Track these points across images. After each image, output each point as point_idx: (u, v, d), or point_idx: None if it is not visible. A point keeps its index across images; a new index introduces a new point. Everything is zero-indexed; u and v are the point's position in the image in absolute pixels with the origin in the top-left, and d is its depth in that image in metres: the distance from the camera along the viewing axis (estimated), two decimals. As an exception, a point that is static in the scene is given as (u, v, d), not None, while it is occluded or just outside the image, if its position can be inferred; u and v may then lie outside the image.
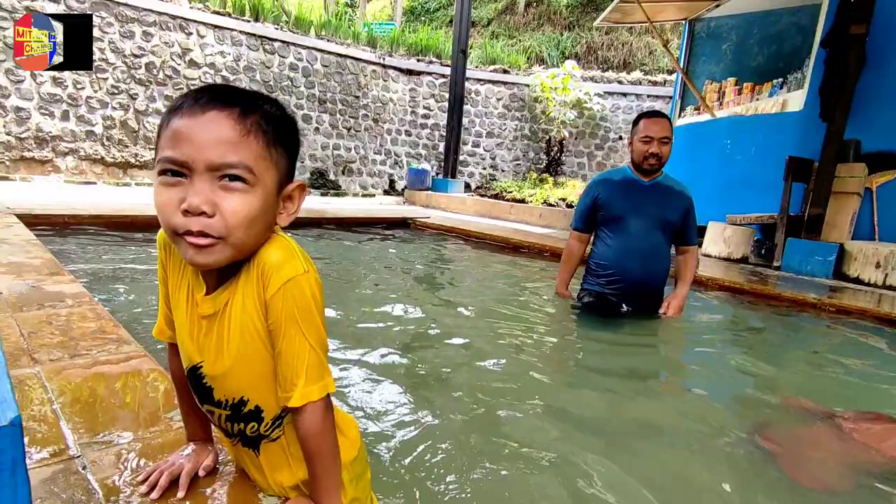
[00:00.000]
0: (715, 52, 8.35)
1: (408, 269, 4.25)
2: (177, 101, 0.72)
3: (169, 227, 0.72)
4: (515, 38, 15.26)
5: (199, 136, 0.69)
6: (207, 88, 0.73)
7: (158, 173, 0.71)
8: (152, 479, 0.92)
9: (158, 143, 0.72)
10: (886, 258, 4.60)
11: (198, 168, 0.69)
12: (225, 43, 9.28)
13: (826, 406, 1.93)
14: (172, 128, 0.70)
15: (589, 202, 2.92)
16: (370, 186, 11.74)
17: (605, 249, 2.87)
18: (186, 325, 0.83)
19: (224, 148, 0.69)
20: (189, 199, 0.68)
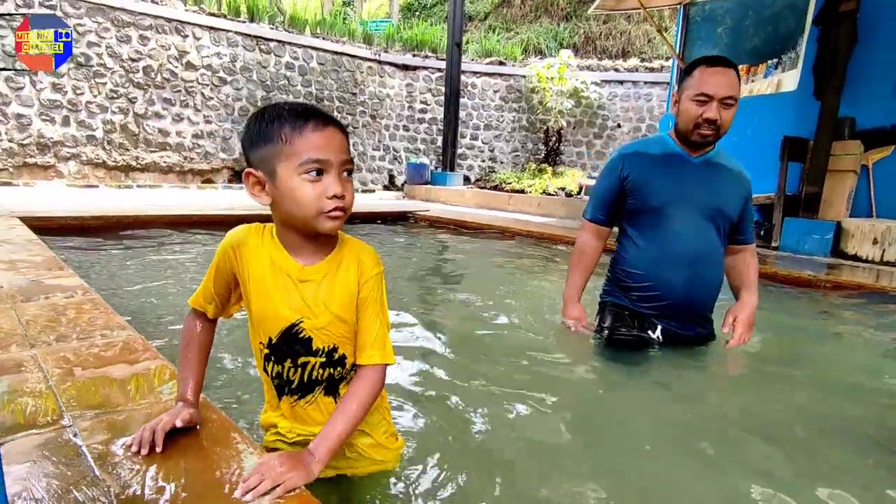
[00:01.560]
0: (710, 35, 8.31)
1: (407, 262, 4.29)
2: (289, 118, 0.97)
3: (317, 209, 0.97)
4: (513, 31, 15.22)
5: (332, 144, 0.97)
6: (313, 109, 0.99)
7: (302, 172, 0.95)
8: (137, 437, 0.99)
9: (276, 145, 0.96)
10: (883, 234, 4.60)
11: (334, 166, 0.97)
12: (221, 44, 9.33)
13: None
14: (311, 140, 0.96)
15: (614, 184, 2.08)
16: (370, 182, 11.78)
17: (637, 254, 2.05)
18: (278, 296, 1.05)
19: (344, 152, 0.99)
20: (335, 188, 0.96)
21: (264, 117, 0.99)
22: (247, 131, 1.02)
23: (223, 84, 9.43)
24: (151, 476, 0.91)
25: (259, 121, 0.99)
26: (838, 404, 1.81)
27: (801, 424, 1.65)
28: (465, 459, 1.34)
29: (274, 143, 0.96)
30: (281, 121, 0.97)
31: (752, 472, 1.33)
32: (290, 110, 0.98)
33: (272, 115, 0.98)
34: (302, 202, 0.97)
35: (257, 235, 1.07)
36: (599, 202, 2.17)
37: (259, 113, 1.01)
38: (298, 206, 0.97)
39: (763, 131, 6.05)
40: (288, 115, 0.97)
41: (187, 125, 9.13)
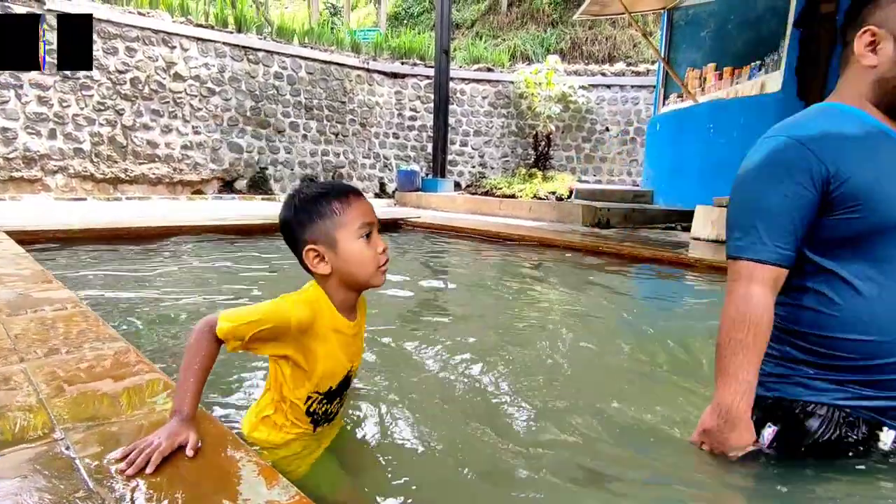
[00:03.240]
0: (694, 39, 8.45)
1: (399, 269, 4.29)
2: (332, 193, 1.15)
3: (375, 264, 1.16)
4: (500, 38, 15.33)
5: (370, 209, 1.18)
6: (343, 184, 1.20)
7: (359, 236, 1.14)
8: (131, 457, 0.96)
9: (331, 217, 1.14)
10: (869, 231, 4.66)
11: (375, 226, 1.18)
12: (209, 55, 9.32)
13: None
14: (358, 207, 1.15)
15: (806, 191, 1.18)
16: (361, 190, 11.77)
17: (863, 308, 1.18)
18: (342, 355, 1.22)
19: (375, 214, 1.19)
20: (382, 244, 1.17)
21: (309, 198, 1.15)
22: (296, 216, 1.15)
23: (212, 95, 9.41)
24: (147, 488, 0.90)
25: (305, 202, 1.15)
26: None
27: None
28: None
29: (329, 216, 1.13)
30: (328, 197, 1.14)
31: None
32: (325, 187, 1.17)
33: (317, 194, 1.15)
34: (363, 261, 1.15)
35: (318, 310, 1.17)
36: (775, 227, 1.19)
37: (300, 196, 1.16)
38: (361, 265, 1.15)
39: (748, 132, 6.14)
40: (330, 192, 1.15)
41: (176, 136, 9.09)
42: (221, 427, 1.14)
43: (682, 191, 7.43)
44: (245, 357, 1.86)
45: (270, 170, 10.37)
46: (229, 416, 1.51)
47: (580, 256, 4.69)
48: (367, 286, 1.19)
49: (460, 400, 1.70)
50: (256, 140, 10.12)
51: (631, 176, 12.16)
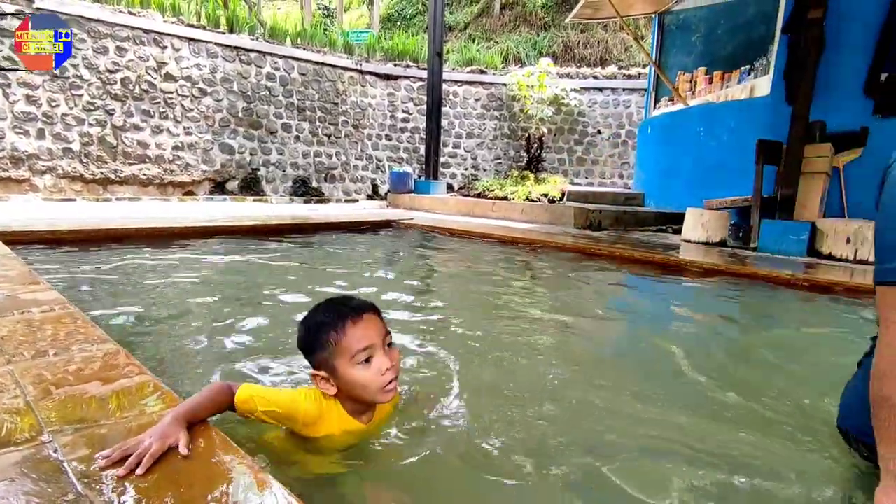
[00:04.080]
0: (685, 43, 8.52)
1: (391, 270, 4.28)
2: (331, 321, 1.22)
3: (376, 386, 1.21)
4: (492, 41, 15.38)
5: (370, 329, 1.22)
6: (346, 305, 1.25)
7: (356, 364, 1.20)
8: (115, 455, 0.96)
9: (329, 348, 1.21)
10: (855, 233, 4.73)
11: (378, 346, 1.22)
12: (200, 55, 9.27)
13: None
14: (354, 334, 1.20)
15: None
16: (353, 192, 11.75)
17: None
18: (349, 439, 1.29)
19: (381, 329, 1.24)
20: (384, 364, 1.21)
21: (312, 326, 1.24)
22: (304, 342, 1.26)
23: (203, 95, 9.36)
24: (136, 492, 0.90)
25: (308, 332, 1.25)
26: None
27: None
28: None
29: (326, 348, 1.21)
30: (326, 327, 1.21)
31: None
32: (328, 313, 1.23)
33: (317, 324, 1.23)
34: (364, 385, 1.21)
35: (326, 412, 1.26)
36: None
37: (306, 325, 1.26)
38: (362, 389, 1.21)
39: (738, 135, 6.20)
40: (329, 320, 1.21)
41: (167, 137, 9.02)
42: (213, 429, 1.13)
43: (673, 193, 7.49)
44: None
45: (262, 171, 10.32)
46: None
47: (572, 258, 4.71)
48: (372, 402, 1.27)
49: (447, 402, 1.70)
50: (248, 141, 10.07)
51: (622, 179, 12.24)
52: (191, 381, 1.73)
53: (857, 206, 5.28)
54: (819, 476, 1.33)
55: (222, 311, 2.61)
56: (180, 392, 1.31)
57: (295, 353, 2.02)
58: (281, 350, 2.05)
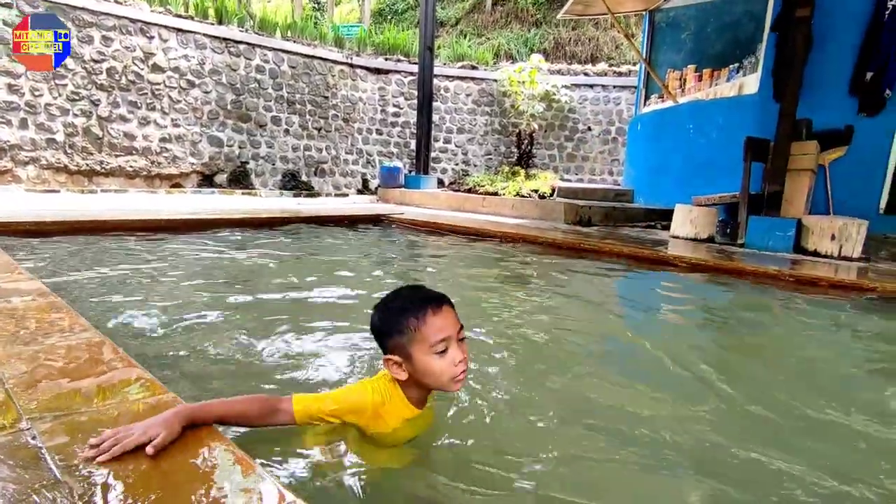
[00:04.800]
0: (675, 41, 8.56)
1: (381, 264, 4.27)
2: (412, 308, 1.24)
3: (449, 376, 1.24)
4: (484, 36, 15.34)
5: (448, 321, 1.24)
6: (426, 295, 1.27)
7: (433, 353, 1.22)
8: (104, 446, 0.94)
9: (407, 334, 1.23)
10: (840, 230, 4.79)
11: (454, 338, 1.24)
12: (189, 46, 9.14)
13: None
14: (434, 324, 1.22)
15: None
16: (343, 186, 11.69)
17: None
18: (408, 431, 1.31)
19: (457, 323, 1.27)
20: (458, 356, 1.24)
21: (391, 310, 1.26)
22: (381, 326, 1.28)
23: (191, 87, 9.23)
24: (117, 478, 0.88)
25: (387, 316, 1.27)
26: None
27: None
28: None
29: (404, 333, 1.23)
30: (406, 313, 1.23)
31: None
32: (409, 299, 1.26)
33: (397, 309, 1.25)
34: (438, 374, 1.23)
35: (389, 400, 1.29)
36: None
37: (384, 307, 1.28)
38: (435, 377, 1.24)
39: (727, 132, 6.26)
40: (410, 306, 1.24)
41: (154, 129, 8.90)
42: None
43: (662, 190, 7.54)
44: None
45: (251, 164, 10.23)
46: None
47: (562, 253, 4.72)
48: (438, 390, 1.30)
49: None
50: (237, 134, 9.96)
51: (612, 175, 12.29)
52: (174, 371, 1.71)
53: (841, 204, 5.35)
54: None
55: (209, 303, 2.58)
56: (166, 381, 1.29)
57: (283, 344, 2.01)
58: (268, 344, 2.03)
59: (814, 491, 1.24)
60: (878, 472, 1.35)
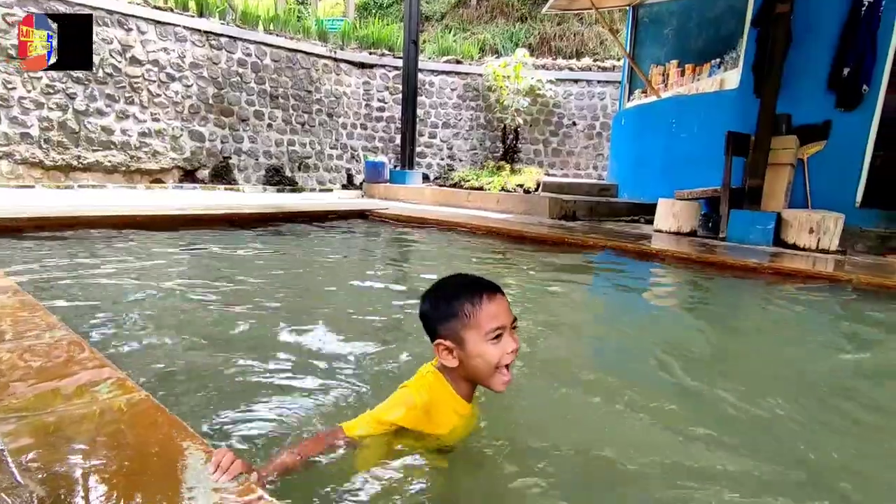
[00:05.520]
0: (658, 36, 8.61)
1: (365, 260, 4.24)
2: (466, 294, 1.21)
3: (499, 363, 1.21)
4: (469, 31, 15.29)
5: (503, 309, 1.22)
6: (480, 281, 1.25)
7: (488, 339, 1.19)
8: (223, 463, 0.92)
9: (462, 319, 1.20)
10: (818, 224, 4.88)
11: (507, 327, 1.22)
12: (168, 39, 8.96)
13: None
14: (489, 310, 1.20)
15: None
16: (328, 182, 11.59)
17: None
18: (461, 430, 1.28)
19: (510, 312, 1.24)
20: (512, 345, 1.22)
21: (444, 295, 1.24)
22: (433, 310, 1.25)
23: (171, 80, 9.06)
24: (84, 480, 0.86)
25: (440, 300, 1.24)
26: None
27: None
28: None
29: (459, 318, 1.20)
30: (462, 297, 1.21)
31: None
32: (464, 285, 1.24)
33: (452, 293, 1.23)
34: (490, 361, 1.21)
35: (438, 393, 1.25)
36: None
37: (437, 292, 1.27)
38: (486, 364, 1.21)
39: (708, 127, 6.31)
40: (466, 291, 1.22)
41: (133, 123, 8.72)
42: (168, 414, 1.09)
43: (646, 184, 7.60)
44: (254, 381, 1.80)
45: (234, 159, 10.08)
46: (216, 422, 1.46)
47: (547, 248, 4.74)
48: (486, 385, 1.26)
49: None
50: (219, 128, 9.81)
51: (597, 170, 12.36)
52: (146, 370, 1.67)
53: (820, 197, 5.44)
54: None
55: (187, 302, 2.54)
56: (143, 382, 1.26)
57: (268, 345, 1.98)
58: (255, 344, 2.00)
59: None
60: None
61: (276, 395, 1.54)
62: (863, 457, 1.41)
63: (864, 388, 1.94)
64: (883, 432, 1.60)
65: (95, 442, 0.97)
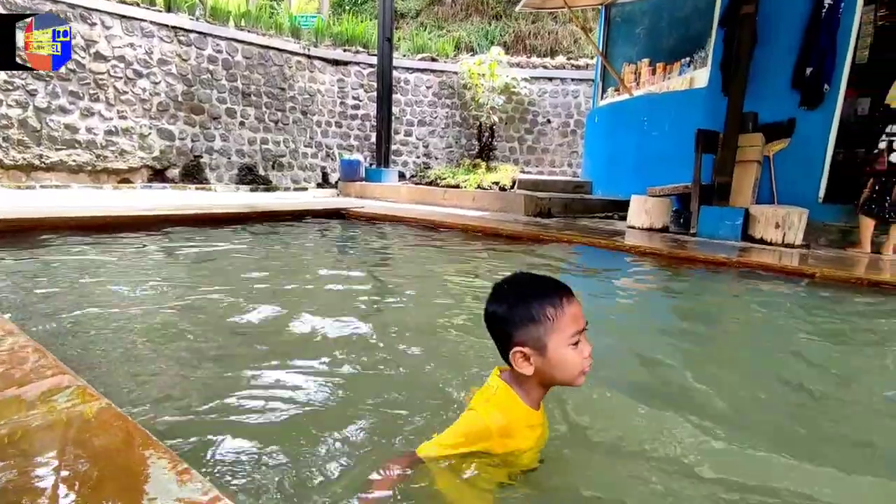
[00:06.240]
0: (630, 35, 8.75)
1: (342, 260, 4.20)
2: (548, 296, 1.12)
3: (580, 369, 1.13)
4: (444, 29, 15.27)
5: (580, 313, 1.14)
6: (556, 283, 1.16)
7: (569, 343, 1.12)
8: None
9: (545, 323, 1.11)
10: (784, 219, 5.02)
11: (583, 330, 1.14)
12: (134, 34, 8.71)
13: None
14: (570, 313, 1.12)
15: None
16: (303, 180, 11.45)
17: None
18: (534, 444, 1.20)
19: (584, 315, 1.15)
20: (588, 349, 1.14)
21: (521, 298, 1.13)
22: (510, 314, 1.13)
23: (139, 77, 8.82)
24: (39, 492, 0.82)
25: (516, 302, 1.13)
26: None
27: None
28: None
29: (541, 322, 1.11)
30: (543, 300, 1.12)
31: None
32: (542, 286, 1.15)
33: (531, 296, 1.13)
34: (571, 366, 1.13)
35: (511, 411, 1.15)
36: None
37: (509, 295, 1.15)
38: (566, 370, 1.13)
39: (679, 125, 6.44)
40: (547, 294, 1.13)
41: (99, 121, 8.46)
42: (131, 423, 1.06)
43: (619, 181, 7.71)
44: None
45: (206, 158, 9.88)
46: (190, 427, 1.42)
47: (522, 245, 4.77)
48: (560, 385, 1.18)
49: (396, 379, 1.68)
50: (190, 127, 9.59)
51: (571, 167, 12.50)
52: (107, 379, 1.62)
53: (785, 194, 5.60)
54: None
55: (157, 306, 2.48)
56: (106, 391, 1.22)
57: (240, 352, 1.94)
58: (222, 353, 1.95)
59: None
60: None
61: (249, 404, 1.51)
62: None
63: (826, 365, 2.03)
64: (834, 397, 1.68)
65: (54, 451, 0.94)
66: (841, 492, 1.22)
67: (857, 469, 1.32)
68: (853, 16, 5.36)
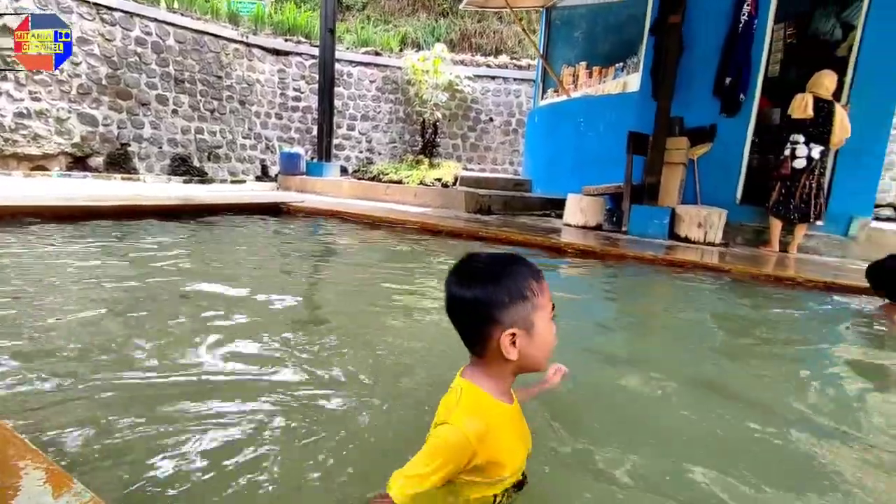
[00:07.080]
0: (569, 38, 9.00)
1: (282, 255, 4.08)
2: (527, 271, 1.04)
3: (553, 346, 1.06)
4: (391, 23, 15.11)
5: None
6: (527, 261, 1.07)
7: (551, 318, 1.05)
8: None
9: (531, 300, 1.02)
10: (705, 219, 5.34)
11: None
12: (48, 9, 8.05)
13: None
14: (548, 289, 1.05)
15: None
16: (240, 173, 11.02)
17: None
18: (517, 439, 1.09)
19: None
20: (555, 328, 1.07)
21: (507, 274, 1.03)
22: (495, 294, 1.01)
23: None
24: None
25: (501, 279, 1.02)
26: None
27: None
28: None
29: (528, 299, 1.02)
30: (524, 275, 1.03)
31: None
32: (517, 263, 1.06)
33: (512, 272, 1.03)
34: (549, 343, 1.06)
35: (484, 411, 1.03)
36: None
37: (490, 272, 1.03)
38: (545, 349, 1.06)
39: (613, 127, 6.70)
40: (525, 269, 1.05)
41: (6, 101, 7.78)
42: (7, 431, 0.98)
43: (558, 180, 7.93)
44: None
45: (134, 146, 9.29)
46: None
47: (462, 241, 4.81)
48: (532, 371, 1.10)
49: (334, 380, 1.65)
50: (115, 112, 8.99)
51: (513, 165, 12.74)
52: (20, 405, 1.50)
53: (707, 195, 5.96)
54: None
55: (79, 312, 2.31)
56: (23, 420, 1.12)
57: (161, 358, 1.83)
58: (155, 361, 1.84)
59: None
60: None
61: (173, 415, 1.41)
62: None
63: (741, 342, 2.18)
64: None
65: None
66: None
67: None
68: (765, 32, 5.76)
